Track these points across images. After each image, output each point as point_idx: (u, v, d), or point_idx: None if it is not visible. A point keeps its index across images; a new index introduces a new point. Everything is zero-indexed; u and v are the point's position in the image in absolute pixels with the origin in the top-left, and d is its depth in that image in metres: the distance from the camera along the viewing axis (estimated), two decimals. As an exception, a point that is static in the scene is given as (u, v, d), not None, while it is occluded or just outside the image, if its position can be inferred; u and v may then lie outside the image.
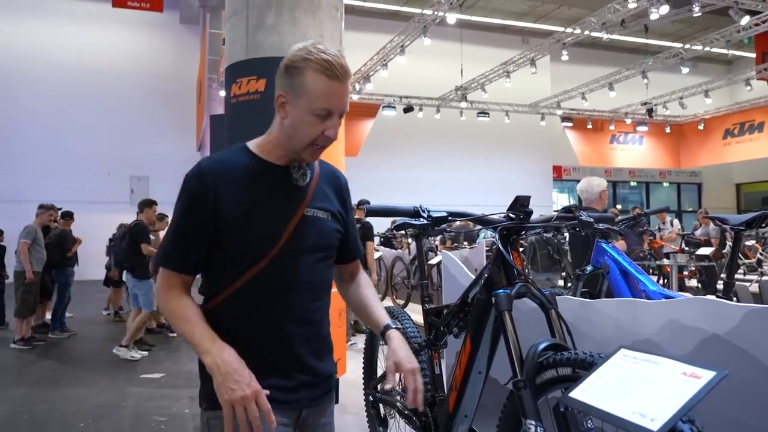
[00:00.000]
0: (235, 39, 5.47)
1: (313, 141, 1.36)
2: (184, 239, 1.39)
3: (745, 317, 1.49)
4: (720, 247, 10.79)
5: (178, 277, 1.41)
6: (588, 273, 2.96)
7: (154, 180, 17.47)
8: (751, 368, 1.46)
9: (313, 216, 1.44)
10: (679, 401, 0.97)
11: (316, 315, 1.46)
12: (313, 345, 1.45)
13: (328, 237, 1.48)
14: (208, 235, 1.37)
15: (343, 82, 1.34)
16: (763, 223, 2.48)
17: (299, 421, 1.46)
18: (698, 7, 11.13)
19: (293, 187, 1.43)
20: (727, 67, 23.54)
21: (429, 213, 1.57)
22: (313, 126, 1.35)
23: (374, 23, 18.33)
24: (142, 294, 6.81)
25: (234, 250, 1.38)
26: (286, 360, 1.41)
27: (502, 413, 1.64)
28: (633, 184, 25.11)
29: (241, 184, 1.38)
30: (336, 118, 1.36)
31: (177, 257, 1.40)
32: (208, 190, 1.36)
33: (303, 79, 1.33)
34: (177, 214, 1.40)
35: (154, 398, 5.06)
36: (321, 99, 1.32)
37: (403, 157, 19.50)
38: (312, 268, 1.43)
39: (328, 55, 1.32)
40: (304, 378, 1.43)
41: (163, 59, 18.31)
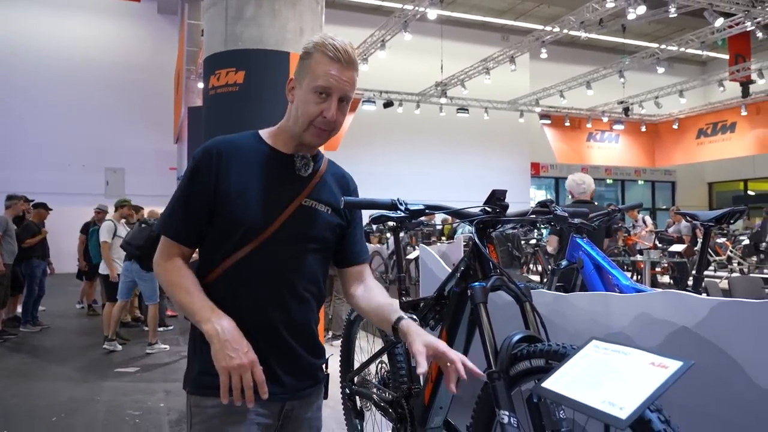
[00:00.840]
0: (213, 30, 5.41)
1: (312, 121, 1.40)
2: (186, 209, 1.43)
3: (713, 310, 1.53)
4: (692, 244, 11.01)
5: (178, 248, 1.44)
6: (563, 267, 3.01)
7: (130, 172, 17.22)
8: (718, 359, 1.50)
9: (311, 207, 1.47)
10: (647, 390, 1.00)
11: (304, 305, 1.46)
12: (298, 333, 1.46)
13: (323, 230, 1.49)
14: (208, 208, 1.41)
15: (346, 66, 1.40)
16: (731, 219, 2.55)
17: (282, 413, 1.45)
18: (674, 8, 11.31)
19: (295, 176, 1.47)
20: (701, 67, 23.99)
21: (407, 206, 1.58)
22: (313, 104, 1.40)
23: (355, 17, 18.27)
24: (147, 286, 6.72)
25: (227, 228, 1.41)
26: (271, 346, 1.41)
27: (476, 404, 1.67)
28: (609, 181, 25.48)
29: (244, 164, 1.43)
30: (334, 99, 1.40)
31: (177, 226, 1.44)
32: (212, 165, 1.41)
33: (310, 62, 1.41)
34: (181, 185, 1.46)
35: (128, 392, 5.01)
36: (321, 77, 1.39)
37: (383, 152, 19.50)
38: (302, 257, 1.45)
39: (336, 42, 1.40)
40: (289, 367, 1.44)
41: (140, 50, 18.02)
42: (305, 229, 1.46)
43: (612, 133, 22.32)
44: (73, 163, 16.85)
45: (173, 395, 4.91)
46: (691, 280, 9.66)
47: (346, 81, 1.41)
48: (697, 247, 11.07)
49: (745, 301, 1.49)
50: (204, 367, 1.38)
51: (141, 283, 6.76)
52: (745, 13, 12.45)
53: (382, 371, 2.50)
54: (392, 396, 2.21)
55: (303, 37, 5.59)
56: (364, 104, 17.96)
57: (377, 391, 2.37)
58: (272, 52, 5.23)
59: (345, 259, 1.62)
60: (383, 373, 2.48)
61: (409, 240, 8.46)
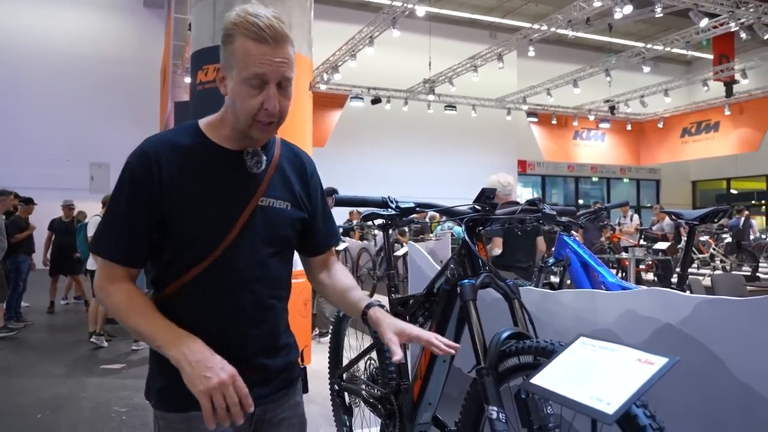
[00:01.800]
0: (201, 24, 5.38)
1: (254, 116, 1.23)
2: (128, 227, 1.26)
3: (697, 307, 1.56)
4: (675, 242, 11.15)
5: (122, 270, 1.28)
6: (550, 265, 3.04)
7: (115, 167, 16.93)
8: (701, 356, 1.53)
9: (269, 206, 1.33)
10: (633, 386, 1.02)
11: (270, 313, 1.35)
12: (265, 343, 1.35)
13: (285, 229, 1.36)
14: (154, 223, 1.25)
15: (275, 45, 1.20)
16: (715, 218, 2.60)
17: (254, 419, 1.35)
18: (660, 8, 11.42)
19: (247, 175, 1.31)
20: (686, 67, 24.23)
21: (397, 204, 1.59)
22: (250, 98, 1.22)
23: (344, 13, 18.23)
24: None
25: (180, 241, 1.26)
26: (236, 360, 1.22)
27: (465, 400, 1.68)
28: (594, 179, 25.69)
29: (190, 169, 1.27)
30: (272, 87, 1.22)
31: (120, 247, 1.26)
32: (153, 174, 1.24)
33: (234, 48, 1.21)
34: (118, 199, 1.26)
35: (114, 389, 4.98)
36: (250, 65, 1.19)
37: (370, 149, 19.50)
38: (266, 263, 1.32)
39: (257, 18, 1.19)
40: (254, 377, 1.30)
41: (126, 43, 17.84)
42: (265, 232, 1.32)
43: (598, 132, 22.50)
44: (56, 158, 16.65)
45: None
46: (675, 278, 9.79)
47: (280, 62, 1.21)
48: (680, 245, 11.22)
49: (727, 299, 1.52)
50: (168, 382, 1.26)
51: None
52: (730, 13, 12.60)
53: (371, 367, 2.51)
54: (381, 392, 2.22)
55: (291, 32, 5.54)
56: (352, 100, 17.94)
57: (366, 387, 2.39)
58: (261, 48, 5.22)
59: (310, 249, 1.50)
60: (372, 369, 2.49)
61: (396, 237, 8.49)
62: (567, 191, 25.34)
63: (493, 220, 1.71)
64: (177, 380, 1.17)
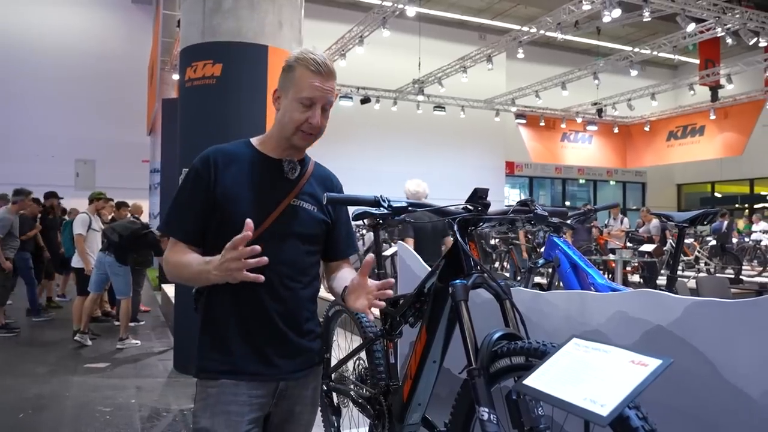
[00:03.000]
0: (191, 21, 5.33)
1: (299, 126, 1.56)
2: (190, 211, 1.59)
3: (687, 310, 1.56)
4: (661, 244, 11.25)
5: (183, 245, 1.59)
6: (539, 266, 3.05)
7: (101, 164, 16.87)
8: (691, 357, 1.53)
9: (299, 206, 1.62)
10: (627, 388, 1.02)
11: (294, 294, 1.60)
12: (291, 321, 1.60)
13: (312, 226, 1.64)
14: (208, 208, 1.56)
15: (326, 77, 1.57)
16: (705, 220, 2.61)
17: (276, 393, 1.60)
18: (648, 12, 11.52)
19: (284, 179, 1.62)
20: (672, 71, 24.47)
21: (389, 203, 1.58)
22: (299, 113, 1.55)
23: (334, 12, 18.19)
24: (120, 279, 6.60)
25: (224, 227, 1.53)
26: (265, 332, 1.57)
27: (456, 401, 1.68)
28: (581, 181, 25.86)
29: (238, 169, 1.60)
30: (318, 108, 1.57)
31: (185, 227, 1.59)
32: (210, 170, 1.58)
33: (293, 75, 1.57)
34: (183, 189, 1.62)
35: (98, 388, 4.92)
36: (305, 89, 1.55)
37: (359, 148, 19.45)
38: (293, 251, 1.60)
39: (316, 56, 1.57)
40: (280, 350, 1.58)
41: (113, 39, 17.65)
42: (294, 226, 1.61)
43: (585, 134, 22.66)
44: (41, 154, 16.44)
45: (145, 391, 4.84)
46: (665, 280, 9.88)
47: (327, 90, 1.57)
48: (666, 247, 11.33)
49: (717, 301, 1.53)
50: (204, 353, 1.60)
51: (113, 278, 6.64)
52: (716, 19, 12.74)
53: (360, 368, 2.49)
54: (370, 393, 2.21)
55: (282, 30, 5.54)
56: (341, 100, 17.90)
57: (355, 387, 2.37)
58: (250, 45, 5.18)
59: (329, 255, 1.77)
60: (361, 369, 2.48)
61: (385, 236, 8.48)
62: (554, 193, 25.49)
63: (486, 221, 1.71)
64: (208, 353, 1.58)
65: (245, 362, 1.56)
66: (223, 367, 1.56)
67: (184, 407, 4.39)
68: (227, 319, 1.57)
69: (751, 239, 13.58)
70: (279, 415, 1.64)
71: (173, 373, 5.36)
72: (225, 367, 1.55)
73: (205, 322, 1.63)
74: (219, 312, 1.59)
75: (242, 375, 1.55)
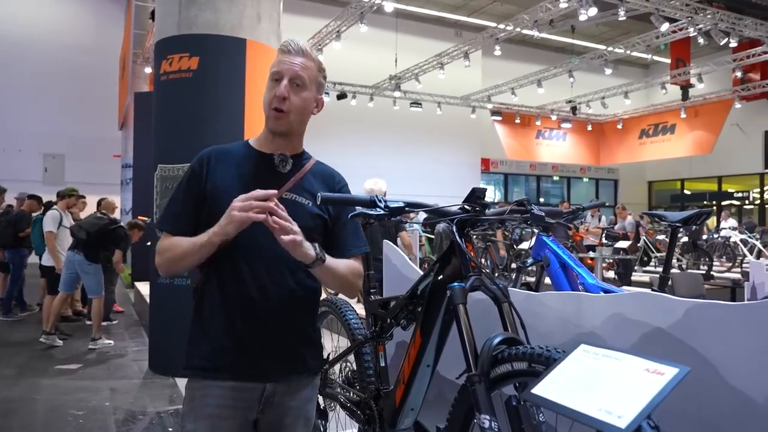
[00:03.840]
0: (166, 12, 5.18)
1: (270, 104, 1.56)
2: (182, 206, 1.59)
3: (688, 312, 1.54)
4: (635, 241, 11.41)
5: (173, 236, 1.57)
6: (528, 265, 3.02)
7: (71, 159, 16.45)
8: (692, 360, 1.51)
9: (292, 200, 1.58)
10: (645, 398, 0.98)
11: (287, 290, 1.55)
12: (282, 318, 1.54)
13: (306, 219, 1.57)
14: (198, 204, 1.56)
15: (295, 53, 1.57)
16: (698, 220, 2.62)
17: (263, 397, 1.53)
18: (623, 11, 11.64)
19: (276, 173, 1.60)
20: (644, 70, 24.86)
21: (386, 203, 1.52)
22: (270, 90, 1.56)
23: (311, 7, 17.99)
24: (91, 278, 6.39)
25: (212, 222, 1.50)
26: (251, 326, 1.52)
27: (453, 407, 1.63)
28: (555, 178, 26.13)
29: (230, 166, 1.60)
30: (285, 81, 1.55)
31: (174, 220, 1.59)
32: (203, 167, 1.59)
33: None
34: (179, 187, 1.63)
35: (70, 391, 4.77)
36: (274, 66, 1.58)
37: (335, 145, 19.25)
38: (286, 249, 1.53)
39: (290, 40, 1.59)
40: (269, 349, 1.52)
41: (83, 31, 17.20)
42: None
43: (560, 131, 22.89)
44: (7, 148, 15.96)
45: (119, 393, 4.70)
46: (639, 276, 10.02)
47: (295, 63, 1.56)
48: (639, 243, 11.50)
49: (719, 303, 1.51)
50: (191, 349, 1.57)
51: (84, 276, 6.44)
52: (689, 19, 12.95)
53: (346, 370, 2.44)
54: (360, 397, 2.15)
55: (260, 23, 5.42)
56: (317, 95, 17.74)
57: (343, 391, 2.32)
58: (228, 38, 5.06)
59: (334, 253, 1.66)
60: (347, 372, 2.42)
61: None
62: (529, 190, 25.70)
63: (483, 221, 1.66)
64: (193, 349, 1.55)
65: (230, 359, 1.51)
66: (207, 364, 1.52)
67: (161, 409, 4.27)
68: (215, 315, 1.54)
69: (720, 236, 13.86)
70: (267, 424, 1.56)
71: (148, 373, 5.23)
72: (209, 364, 1.52)
73: (195, 317, 1.60)
74: (208, 307, 1.56)
75: (226, 373, 1.50)
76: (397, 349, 2.51)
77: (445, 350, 1.85)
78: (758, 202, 22.83)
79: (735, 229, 14.05)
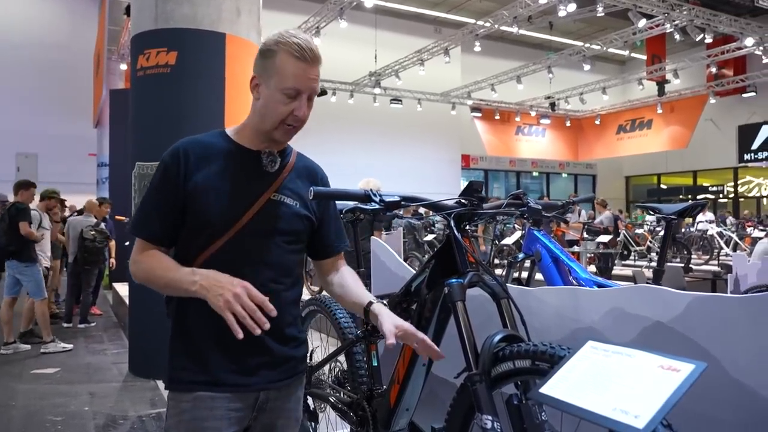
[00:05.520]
0: (142, 6, 5.05)
1: (283, 120, 1.42)
2: (159, 210, 1.45)
3: (689, 305, 1.51)
4: (615, 235, 11.51)
5: (152, 246, 1.45)
6: (520, 260, 2.99)
7: (44, 158, 16.05)
8: (692, 353, 1.48)
9: (280, 201, 1.48)
10: (661, 396, 0.94)
11: (277, 297, 1.42)
12: (273, 327, 1.40)
13: (294, 222, 1.50)
14: (178, 206, 1.43)
15: (312, 64, 1.42)
16: (692, 212, 2.61)
17: (257, 405, 1.47)
18: (602, 7, 11.72)
19: (262, 172, 1.48)
20: (621, 66, 25.14)
21: (381, 197, 1.47)
22: (283, 105, 1.41)
23: (291, 3, 17.82)
24: (30, 281, 6.19)
25: (197, 225, 1.43)
26: (244, 340, 1.36)
27: (451, 406, 1.58)
28: (535, 174, 26.32)
29: (212, 163, 1.45)
30: (304, 98, 1.42)
31: (153, 227, 1.45)
32: (180, 164, 1.43)
33: (275, 61, 1.41)
34: (152, 186, 1.47)
35: (47, 396, 4.63)
36: (290, 78, 1.39)
37: (316, 141, 19.07)
38: (273, 250, 1.46)
39: (299, 39, 1.40)
40: (260, 359, 1.45)
41: (55, 28, 16.80)
42: (275, 223, 1.47)
43: (539, 127, 23.06)
44: (-23, 147, 15.53)
45: (99, 398, 4.58)
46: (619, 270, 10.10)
47: (313, 79, 1.43)
48: (619, 237, 11.61)
49: (719, 296, 1.49)
50: (176, 363, 1.45)
51: (22, 279, 6.21)
52: (665, 15, 13.09)
53: (337, 371, 2.38)
54: (352, 397, 2.09)
55: (240, 17, 5.32)
56: (296, 92, 17.60)
57: (333, 392, 2.26)
58: (207, 33, 4.95)
59: (320, 252, 1.63)
60: (338, 372, 2.36)
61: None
62: (509, 185, 25.85)
63: (480, 215, 1.61)
64: (183, 362, 1.43)
65: (222, 373, 1.42)
66: (198, 377, 1.42)
67: (142, 413, 4.17)
68: (202, 327, 1.42)
69: (696, 229, 14.06)
70: (260, 428, 1.50)
71: (129, 376, 5.10)
72: (200, 378, 1.41)
73: (177, 329, 1.48)
74: (193, 318, 1.44)
75: (219, 387, 1.41)
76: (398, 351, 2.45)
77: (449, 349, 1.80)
78: (732, 196, 23.25)
79: (712, 222, 14.26)
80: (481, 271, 1.57)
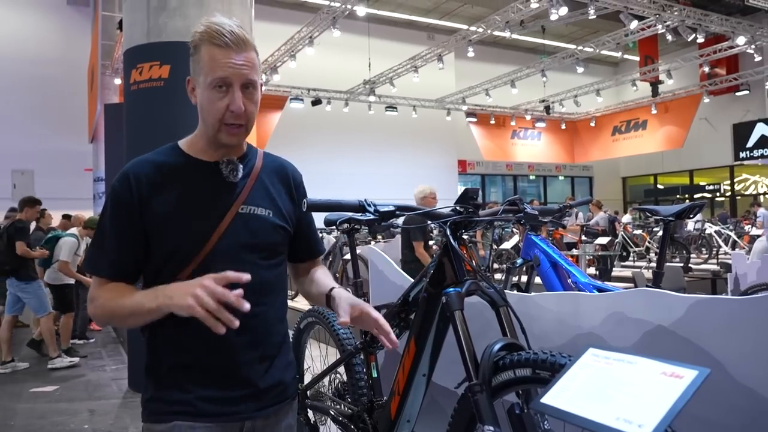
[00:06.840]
0: (134, 21, 5.05)
1: (221, 119, 1.29)
2: (114, 245, 1.31)
3: (691, 308, 1.49)
4: (612, 237, 11.48)
5: (109, 283, 1.32)
6: (518, 266, 2.98)
7: (40, 174, 16.01)
8: (696, 357, 1.47)
9: (250, 213, 1.35)
10: (665, 404, 0.92)
11: (259, 320, 1.32)
12: (258, 351, 1.34)
13: (269, 235, 1.38)
14: (136, 238, 1.30)
15: (237, 48, 1.26)
16: (691, 213, 2.60)
17: None
18: (594, 10, 11.77)
19: (225, 184, 1.35)
20: (614, 68, 25.22)
21: (376, 207, 1.45)
22: (216, 102, 1.28)
23: (282, 13, 17.87)
24: (32, 298, 6.17)
25: (163, 253, 1.31)
26: (225, 370, 1.31)
27: (452, 417, 1.56)
28: (532, 177, 26.32)
29: (167, 184, 1.32)
30: (236, 88, 1.27)
31: (108, 264, 1.32)
32: (133, 193, 1.30)
33: (200, 56, 1.28)
34: (105, 218, 1.34)
35: (47, 414, 4.59)
36: (215, 69, 1.26)
37: (312, 151, 19.14)
38: (252, 269, 1.27)
39: (221, 26, 1.26)
40: (242, 392, 1.32)
41: (48, 43, 16.79)
42: (248, 239, 1.34)
43: (534, 131, 23.08)
44: (-27, 165, 15.49)
45: (98, 415, 4.54)
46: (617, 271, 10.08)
47: (242, 64, 1.27)
48: (617, 239, 11.58)
49: (721, 298, 1.47)
50: (153, 394, 1.34)
51: (24, 297, 6.21)
52: (657, 16, 13.14)
53: (337, 382, 2.35)
54: (352, 410, 2.07)
55: (232, 30, 5.34)
56: (291, 102, 17.61)
57: (334, 404, 2.23)
58: (200, 46, 4.95)
59: (296, 258, 1.55)
60: (338, 384, 2.34)
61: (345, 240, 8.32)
62: (506, 190, 25.85)
63: (477, 222, 1.60)
64: (161, 393, 1.30)
65: (202, 403, 1.29)
66: (175, 408, 1.29)
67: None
68: (179, 355, 1.30)
69: (694, 228, 14.04)
70: None
71: (128, 393, 5.06)
72: (178, 408, 1.28)
73: (152, 357, 1.35)
74: (169, 346, 1.31)
75: (199, 417, 1.28)
76: (387, 359, 2.43)
77: (445, 361, 1.78)
78: (729, 194, 23.27)
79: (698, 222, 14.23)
80: (479, 279, 1.54)
